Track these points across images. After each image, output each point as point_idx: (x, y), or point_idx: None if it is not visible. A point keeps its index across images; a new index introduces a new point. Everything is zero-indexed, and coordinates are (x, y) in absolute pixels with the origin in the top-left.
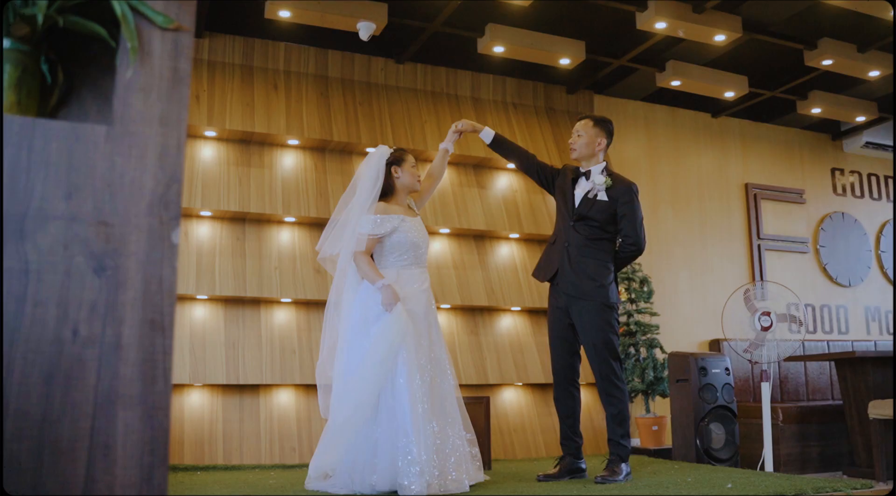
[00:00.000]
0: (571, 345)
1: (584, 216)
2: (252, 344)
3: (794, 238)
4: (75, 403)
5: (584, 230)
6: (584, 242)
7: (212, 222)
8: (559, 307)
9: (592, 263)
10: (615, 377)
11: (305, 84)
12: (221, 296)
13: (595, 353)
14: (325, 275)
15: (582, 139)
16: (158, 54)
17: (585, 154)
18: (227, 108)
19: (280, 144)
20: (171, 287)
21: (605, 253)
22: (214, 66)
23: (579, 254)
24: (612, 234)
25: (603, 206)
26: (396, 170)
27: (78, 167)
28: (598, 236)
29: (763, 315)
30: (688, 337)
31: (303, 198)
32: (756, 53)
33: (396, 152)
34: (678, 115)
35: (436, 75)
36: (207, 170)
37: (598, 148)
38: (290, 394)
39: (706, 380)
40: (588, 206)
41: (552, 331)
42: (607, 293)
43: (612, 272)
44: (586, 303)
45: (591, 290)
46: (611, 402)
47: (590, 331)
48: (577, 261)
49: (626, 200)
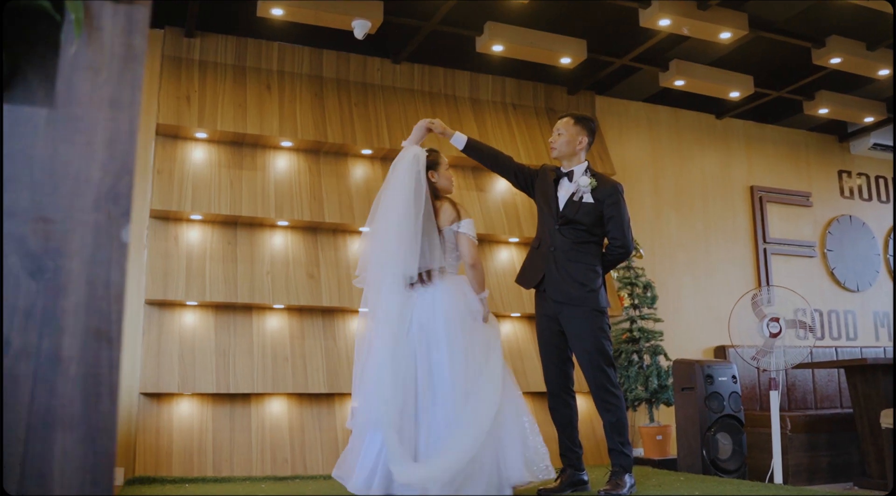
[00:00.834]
0: (563, 352)
1: (570, 219)
2: (243, 352)
3: (801, 242)
4: (5, 425)
5: (571, 234)
6: (571, 246)
7: (202, 226)
8: (547, 314)
9: (581, 268)
10: (610, 384)
11: (299, 84)
12: (212, 302)
13: (588, 361)
14: (319, 281)
15: (562, 138)
16: (109, 29)
17: (566, 152)
18: (219, 109)
19: (273, 146)
20: (120, 292)
21: (592, 256)
22: (206, 66)
23: (566, 258)
24: (599, 236)
25: (589, 208)
26: (433, 174)
27: (13, 155)
28: (586, 239)
29: (772, 321)
30: (692, 343)
31: (296, 201)
32: (762, 52)
33: (432, 155)
34: (681, 116)
35: (433, 75)
36: (198, 172)
37: (579, 147)
38: (283, 403)
39: (712, 389)
40: (574, 208)
41: (542, 339)
42: (597, 298)
43: (601, 276)
44: (576, 309)
45: (580, 296)
46: (607, 410)
47: (582, 338)
48: (565, 265)
49: (612, 202)
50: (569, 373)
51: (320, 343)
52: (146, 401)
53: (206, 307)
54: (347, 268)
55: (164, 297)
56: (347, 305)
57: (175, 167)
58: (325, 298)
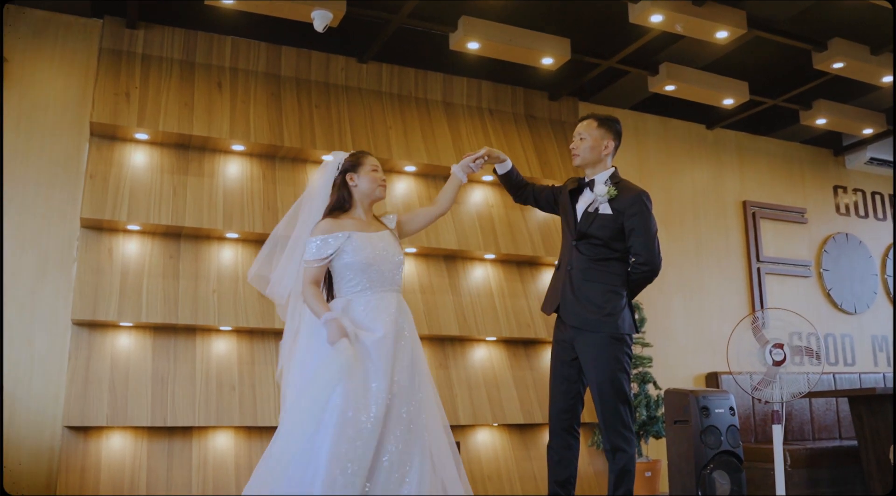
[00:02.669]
0: (574, 385)
1: (585, 233)
2: (184, 379)
3: (796, 261)
4: None
5: (588, 250)
6: (588, 265)
7: (141, 238)
8: (563, 340)
9: (598, 288)
10: (622, 425)
11: (254, 83)
12: (149, 323)
13: (599, 395)
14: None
15: (585, 143)
16: None
17: (590, 159)
18: (163, 108)
19: (223, 150)
20: None
21: (613, 275)
22: (150, 60)
23: (583, 278)
24: (621, 252)
25: (606, 220)
26: (352, 177)
27: None
28: (605, 256)
29: (775, 347)
30: (682, 370)
31: (248, 211)
32: (759, 56)
33: (351, 157)
34: (670, 126)
35: (403, 77)
36: (137, 177)
37: (604, 152)
38: (228, 437)
39: (709, 422)
40: (589, 221)
41: (554, 368)
42: (616, 323)
43: (624, 298)
44: (592, 335)
45: (596, 320)
46: (615, 456)
47: (594, 369)
48: (581, 286)
49: (634, 212)
50: (577, 410)
51: (272, 369)
52: (71, 434)
53: (143, 329)
54: None
55: (93, 317)
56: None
57: (111, 171)
58: (278, 320)
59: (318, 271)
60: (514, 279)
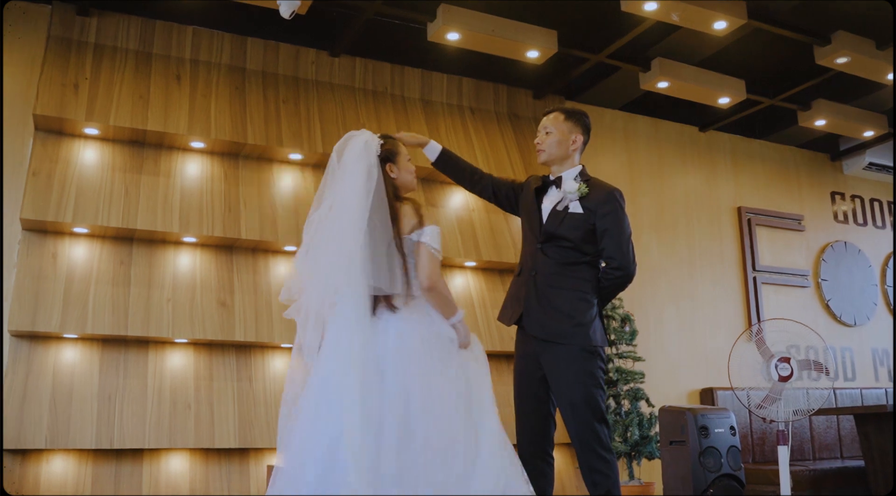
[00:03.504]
0: (543, 405)
1: (553, 234)
2: (134, 397)
3: (794, 270)
4: None
5: (556, 253)
6: (556, 269)
7: (89, 241)
8: (527, 355)
9: (567, 296)
10: (600, 446)
11: (217, 76)
12: (96, 335)
13: (573, 415)
14: (233, 311)
15: (552, 137)
16: None
17: (557, 155)
18: (115, 101)
19: (181, 147)
20: None
21: (583, 281)
22: (102, 50)
23: (549, 284)
24: (592, 255)
25: (577, 220)
26: (392, 168)
27: None
28: (574, 260)
29: (781, 361)
30: (676, 386)
31: (207, 213)
32: (757, 51)
33: (388, 143)
34: (662, 127)
35: (378, 72)
36: (86, 176)
37: (572, 147)
38: (183, 460)
39: (708, 443)
40: (557, 220)
41: (519, 386)
42: (588, 334)
43: (595, 306)
44: (561, 348)
45: (566, 331)
46: (594, 482)
47: (566, 386)
48: (547, 293)
49: (607, 211)
50: (549, 432)
51: (232, 386)
52: (6, 458)
53: (89, 341)
54: (268, 296)
55: (33, 329)
56: (266, 340)
57: (56, 169)
58: (240, 331)
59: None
60: (496, 288)
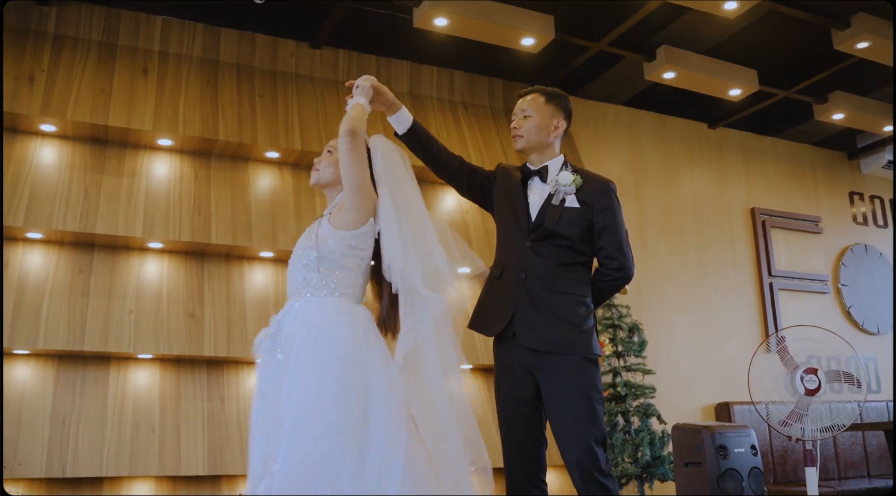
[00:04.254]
0: (538, 425)
1: (549, 232)
2: (92, 419)
3: (812, 275)
4: None
5: (551, 252)
6: (552, 270)
7: (44, 248)
8: (517, 369)
9: (567, 301)
10: (600, 472)
11: (187, 69)
12: (50, 350)
13: (573, 437)
14: (203, 323)
15: (531, 121)
16: None
17: (536, 142)
18: (74, 95)
19: (147, 145)
20: None
21: (580, 283)
22: (63, 41)
23: (545, 287)
24: (587, 255)
25: (574, 215)
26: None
27: None
28: (571, 260)
29: (807, 373)
30: (689, 400)
31: (174, 216)
32: (770, 37)
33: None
34: (668, 124)
35: (363, 65)
36: (41, 176)
37: (553, 134)
38: (147, 489)
39: (727, 464)
40: (554, 216)
41: (506, 406)
42: (590, 342)
43: (593, 311)
44: (562, 359)
45: (568, 340)
46: None
47: (565, 399)
48: (544, 298)
49: (605, 206)
50: (541, 456)
51: (201, 406)
52: None
53: (42, 357)
54: (242, 306)
55: None
56: (240, 355)
57: (9, 168)
58: (210, 346)
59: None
60: None
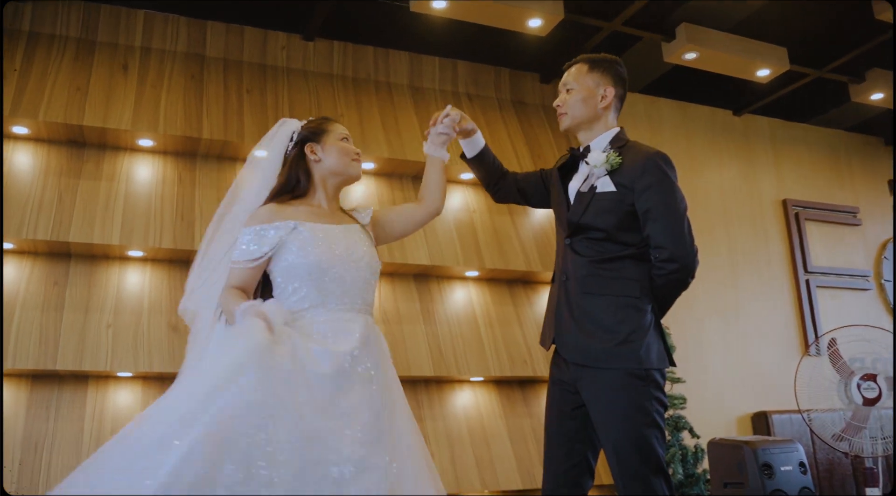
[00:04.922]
0: (579, 445)
1: (579, 225)
2: (68, 443)
3: (852, 271)
4: None
5: (586, 248)
6: (590, 269)
7: (16, 258)
8: (562, 381)
9: (605, 303)
10: None
11: (170, 64)
12: (21, 369)
13: (618, 463)
14: (186, 337)
15: (574, 95)
16: None
17: (583, 117)
18: (47, 94)
19: (126, 146)
20: None
21: (627, 282)
22: (38, 38)
23: (582, 289)
24: (637, 247)
25: (607, 201)
26: (313, 148)
27: None
28: (612, 254)
29: (865, 379)
30: (722, 411)
31: (155, 222)
32: (801, 10)
33: (312, 123)
34: (690, 111)
35: (359, 56)
36: (14, 181)
37: (601, 105)
38: None
39: (773, 485)
40: (582, 205)
41: (550, 423)
42: (638, 353)
43: (648, 314)
44: (602, 373)
45: (605, 352)
46: None
47: (608, 423)
48: (581, 302)
49: (648, 184)
50: (581, 481)
51: None
52: None
53: (13, 378)
54: None
55: None
56: None
57: None
58: None
59: (246, 276)
60: (504, 302)
